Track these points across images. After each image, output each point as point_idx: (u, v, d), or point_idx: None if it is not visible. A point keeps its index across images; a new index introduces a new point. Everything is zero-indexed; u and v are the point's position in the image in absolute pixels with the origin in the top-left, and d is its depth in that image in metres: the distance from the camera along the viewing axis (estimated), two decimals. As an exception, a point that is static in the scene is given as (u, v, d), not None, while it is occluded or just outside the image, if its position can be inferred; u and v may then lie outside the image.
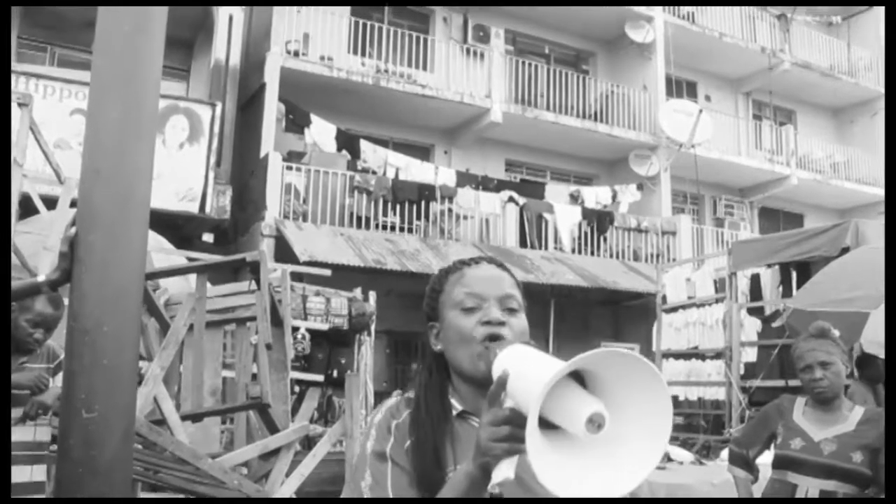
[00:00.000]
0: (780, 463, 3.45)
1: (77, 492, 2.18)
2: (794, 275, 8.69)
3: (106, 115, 2.39)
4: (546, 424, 1.22)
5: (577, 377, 1.23)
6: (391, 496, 1.45)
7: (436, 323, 1.60)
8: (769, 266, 8.99)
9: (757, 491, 3.63)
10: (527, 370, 1.24)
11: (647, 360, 1.19)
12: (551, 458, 1.18)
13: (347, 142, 13.48)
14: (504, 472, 1.23)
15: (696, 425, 9.89)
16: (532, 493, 1.33)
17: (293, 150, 13.23)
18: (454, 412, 1.54)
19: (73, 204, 3.25)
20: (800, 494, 3.32)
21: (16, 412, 3.55)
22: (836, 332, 3.42)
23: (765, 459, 3.72)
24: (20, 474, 3.56)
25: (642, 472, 1.19)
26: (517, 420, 1.20)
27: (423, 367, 1.61)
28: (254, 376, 4.07)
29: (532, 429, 1.15)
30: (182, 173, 11.58)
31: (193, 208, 11.66)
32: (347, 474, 3.74)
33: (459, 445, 1.48)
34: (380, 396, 9.57)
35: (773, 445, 3.56)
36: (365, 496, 1.48)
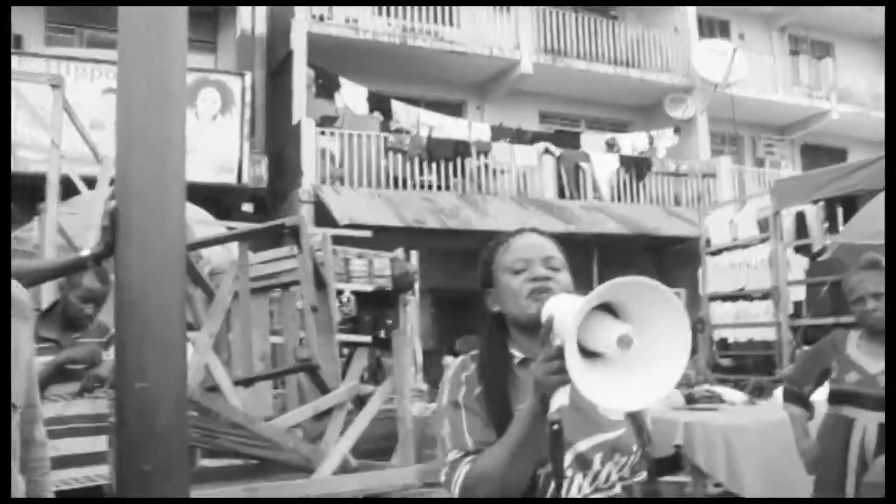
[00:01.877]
0: (835, 398, 3.40)
1: (137, 459, 2.22)
2: (839, 210, 8.51)
3: (135, 90, 2.40)
4: (588, 355, 1.43)
5: (611, 312, 1.44)
6: (468, 438, 1.64)
7: (491, 289, 1.81)
8: (814, 203, 8.80)
9: (812, 428, 3.59)
10: (568, 309, 1.45)
11: (663, 286, 1.40)
12: (593, 376, 1.38)
13: (379, 103, 13.41)
14: (560, 399, 1.43)
15: (747, 366, 9.80)
16: (585, 416, 1.60)
17: (326, 115, 13.21)
18: (515, 360, 1.75)
19: (111, 182, 3.27)
20: (857, 428, 3.28)
21: (73, 386, 3.63)
22: (888, 262, 3.35)
23: (819, 397, 3.67)
24: (83, 446, 3.64)
25: (671, 380, 1.41)
26: (564, 352, 1.37)
27: (485, 328, 1.81)
28: (301, 340, 4.10)
29: (572, 350, 1.35)
30: (217, 145, 11.63)
31: (231, 179, 11.73)
32: (400, 431, 3.77)
33: (522, 388, 1.66)
34: (428, 355, 9.65)
35: (827, 381, 3.51)
36: (446, 442, 1.68)
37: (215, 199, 11.56)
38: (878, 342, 3.35)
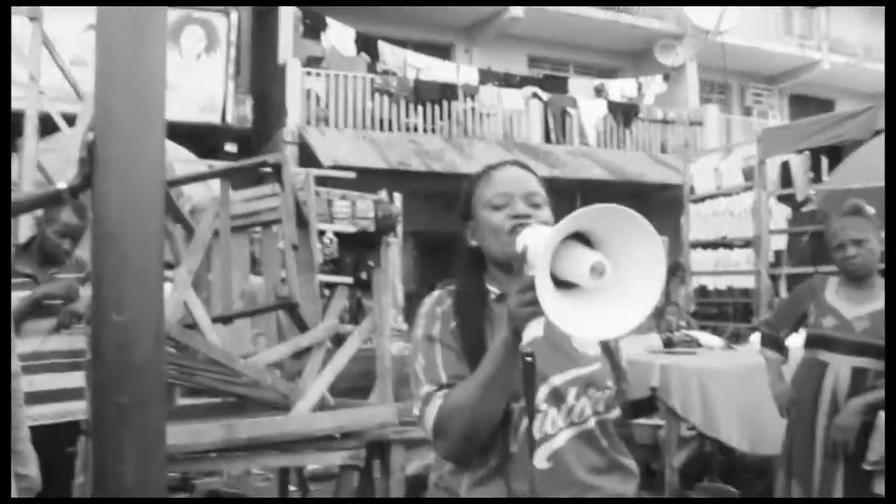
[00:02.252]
0: (812, 342, 3.44)
1: (113, 394, 2.21)
2: (824, 160, 8.52)
3: (115, 19, 2.34)
4: (563, 285, 1.42)
5: (587, 243, 1.43)
6: (442, 371, 1.66)
7: (470, 222, 1.80)
8: (799, 152, 8.80)
9: (787, 372, 3.64)
10: (540, 238, 1.45)
11: (636, 214, 1.37)
12: (565, 306, 1.37)
13: (366, 44, 13.22)
14: (533, 331, 1.43)
15: (726, 314, 9.89)
16: (560, 350, 1.60)
17: (312, 56, 13.03)
18: (492, 296, 1.75)
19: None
20: (830, 372, 3.32)
21: (50, 322, 3.62)
22: (871, 210, 3.36)
23: (794, 343, 3.71)
24: (60, 381, 3.65)
25: (642, 311, 1.40)
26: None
27: (462, 261, 1.81)
28: (283, 280, 4.09)
29: (543, 280, 1.34)
30: (201, 84, 11.47)
31: (215, 119, 11.61)
32: (378, 369, 3.79)
33: (498, 323, 1.66)
34: (409, 297, 9.67)
35: (804, 326, 3.55)
36: (419, 376, 1.68)
37: (199, 138, 11.44)
38: (856, 288, 3.38)
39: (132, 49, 2.29)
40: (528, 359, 1.47)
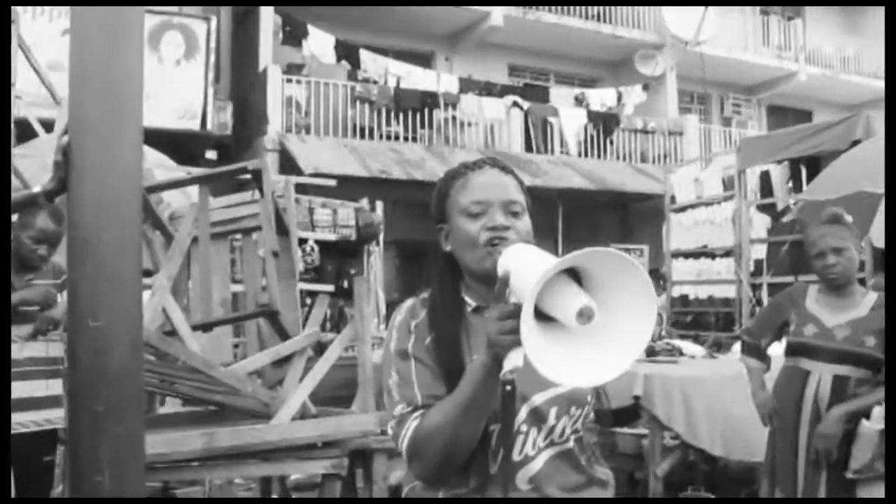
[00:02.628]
0: (793, 350, 3.44)
1: (89, 401, 2.17)
2: (803, 171, 8.58)
3: (89, 19, 2.30)
4: (548, 319, 1.36)
5: (575, 276, 1.35)
6: (417, 391, 1.57)
7: (444, 225, 1.69)
8: (778, 162, 8.87)
9: (769, 380, 3.64)
10: (526, 268, 1.36)
11: (631, 258, 1.30)
12: (547, 346, 1.31)
13: (347, 52, 13.22)
14: (514, 360, 1.36)
15: (707, 323, 9.93)
16: (541, 377, 1.39)
17: (292, 63, 13.01)
18: (469, 308, 1.67)
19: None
20: (812, 380, 3.33)
21: (26, 329, 3.57)
22: (849, 218, 3.37)
23: (775, 351, 3.72)
24: (37, 389, 3.60)
25: (629, 358, 1.33)
26: (520, 314, 1.28)
27: (436, 269, 1.71)
28: (263, 288, 4.05)
29: (527, 318, 1.27)
30: (180, 91, 11.42)
31: (194, 126, 11.55)
32: (360, 377, 3.76)
33: (476, 337, 1.60)
34: (391, 306, 9.63)
35: (785, 334, 3.55)
36: (393, 393, 1.60)
37: (178, 145, 11.36)
38: (836, 296, 3.39)
39: (107, 49, 2.26)
40: (508, 388, 1.40)
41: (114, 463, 2.14)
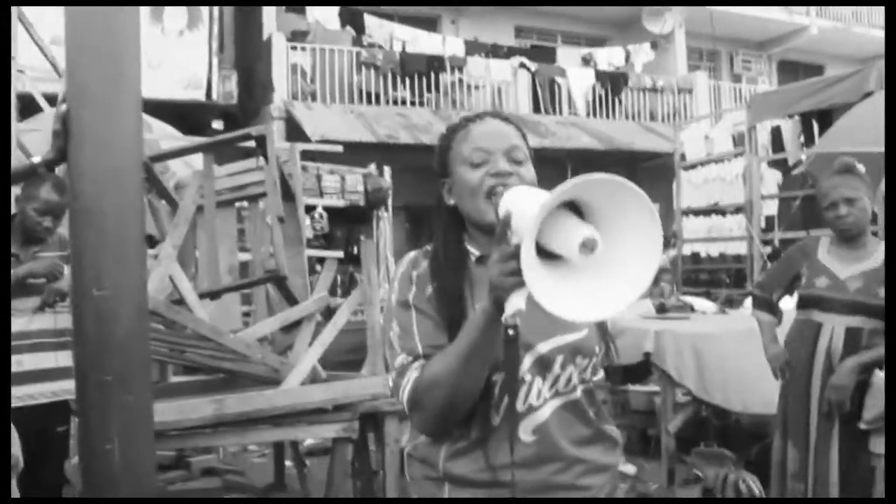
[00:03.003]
0: (805, 302, 3.41)
1: (96, 368, 2.17)
2: (815, 125, 8.49)
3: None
4: (549, 256, 1.32)
5: (577, 210, 1.31)
6: (418, 341, 1.54)
7: (447, 179, 1.66)
8: (790, 117, 8.77)
9: (781, 334, 3.61)
10: (527, 206, 1.31)
11: (633, 185, 1.25)
12: (551, 282, 1.27)
13: (351, 18, 13.11)
14: (515, 303, 1.32)
15: (719, 280, 9.89)
16: (546, 315, 1.33)
17: (297, 30, 12.92)
18: (472, 258, 1.63)
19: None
20: (825, 332, 3.30)
21: (34, 301, 3.57)
22: (862, 168, 3.31)
23: (787, 306, 3.68)
24: (48, 360, 3.61)
25: (636, 290, 1.29)
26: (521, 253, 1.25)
27: (439, 221, 1.67)
28: (271, 255, 4.04)
29: (528, 255, 1.23)
30: (184, 61, 11.36)
31: (200, 96, 11.50)
32: (369, 340, 3.76)
33: (479, 288, 1.56)
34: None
35: (797, 287, 3.51)
36: (394, 345, 1.57)
37: (184, 116, 11.33)
38: (848, 248, 3.34)
39: (103, 17, 2.23)
40: (511, 332, 1.35)
41: (123, 431, 2.14)
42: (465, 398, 1.48)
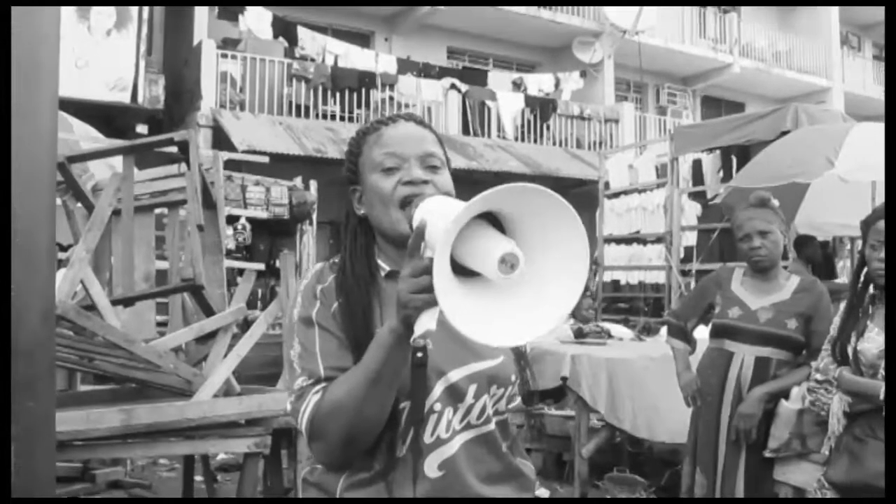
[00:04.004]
0: (717, 331, 3.49)
1: (-3, 373, 2.08)
2: (734, 160, 8.74)
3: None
4: (466, 273, 1.21)
5: (498, 225, 1.20)
6: (320, 361, 1.41)
7: (357, 186, 1.54)
8: (710, 151, 9.02)
9: (694, 362, 3.68)
10: (442, 218, 1.20)
11: (559, 197, 1.15)
12: (468, 302, 1.16)
13: (284, 29, 13.03)
14: (425, 323, 1.21)
15: (637, 308, 10.07)
16: (459, 340, 1.26)
17: (228, 38, 12.76)
18: (382, 273, 1.51)
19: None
20: (736, 361, 3.38)
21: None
22: (776, 202, 3.42)
23: (700, 334, 3.77)
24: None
25: (560, 313, 1.18)
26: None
27: (348, 232, 1.55)
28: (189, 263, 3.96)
29: (441, 269, 1.13)
30: (111, 62, 11.11)
31: (125, 98, 11.26)
32: (285, 355, 3.70)
33: (388, 306, 1.42)
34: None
35: (710, 316, 3.59)
36: (294, 365, 1.44)
37: (108, 118, 11.08)
38: (760, 279, 3.44)
39: (21, 10, 2.16)
40: (420, 355, 1.25)
41: (22, 439, 2.07)
42: (368, 426, 1.37)
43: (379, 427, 1.38)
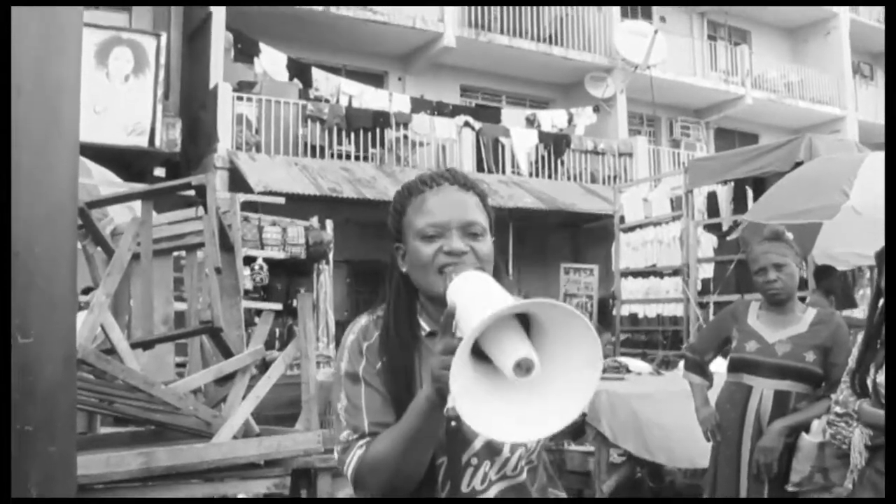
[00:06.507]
0: (735, 366, 3.48)
1: (18, 418, 2.10)
2: (749, 191, 8.74)
3: (22, 20, 2.25)
4: (487, 359, 1.28)
5: (525, 321, 1.27)
6: (365, 417, 1.52)
7: (400, 245, 1.60)
8: (725, 183, 9.02)
9: (712, 396, 3.66)
10: (471, 306, 1.28)
11: (580, 314, 1.22)
12: (482, 394, 1.24)
13: (299, 70, 13.19)
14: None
15: (655, 341, 10.02)
16: None
17: (243, 80, 12.92)
18: (423, 332, 1.59)
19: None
20: (755, 395, 3.36)
21: (-42, 347, 3.46)
22: (790, 235, 3.42)
23: (718, 368, 3.75)
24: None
25: (566, 418, 1.25)
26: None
27: (391, 288, 1.62)
28: (208, 306, 3.99)
29: (459, 364, 1.20)
30: (129, 107, 11.26)
31: (143, 142, 11.38)
32: (304, 395, 3.71)
33: (428, 364, 1.46)
34: (340, 325, 9.57)
35: (728, 350, 3.59)
36: (340, 417, 1.55)
37: (126, 162, 11.22)
38: (777, 312, 3.43)
39: (46, 58, 2.21)
40: (453, 424, 1.32)
41: (43, 483, 2.08)
42: (407, 480, 1.47)
43: (416, 480, 1.48)
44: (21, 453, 2.13)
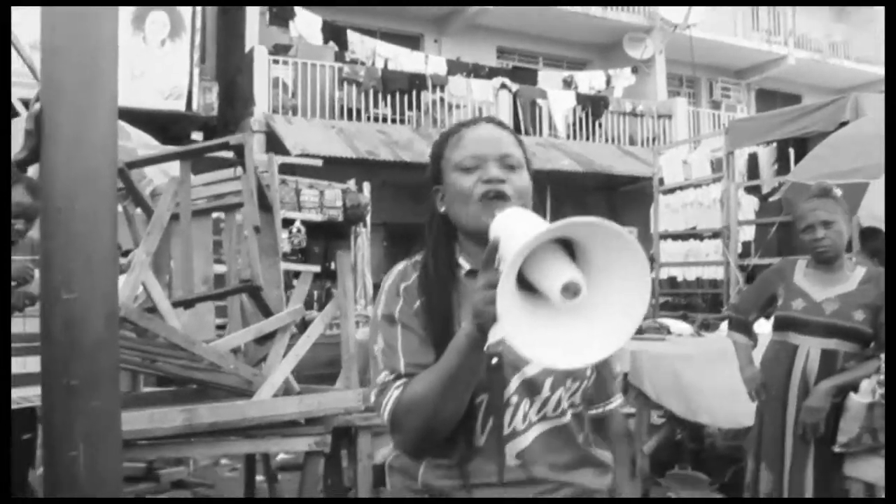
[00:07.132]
0: (781, 324, 3.41)
1: (62, 375, 2.12)
2: (791, 152, 8.56)
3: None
4: (532, 288, 1.26)
5: (569, 246, 1.26)
6: (402, 358, 1.49)
7: (439, 186, 1.62)
8: (766, 144, 8.85)
9: (756, 356, 3.60)
10: (515, 236, 1.26)
11: (627, 233, 1.20)
12: (530, 322, 1.22)
13: (334, 33, 13.12)
14: (500, 331, 1.25)
15: (695, 304, 9.93)
16: None
17: (279, 44, 12.90)
18: (462, 271, 1.58)
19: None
20: (801, 354, 3.30)
21: (3, 305, 3.51)
22: (839, 192, 3.33)
23: (761, 329, 3.69)
24: (15, 366, 3.53)
25: (613, 344, 1.23)
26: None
27: (430, 230, 1.62)
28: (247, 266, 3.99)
29: (505, 292, 1.18)
30: (165, 71, 11.29)
31: (180, 106, 11.43)
32: (343, 354, 3.71)
33: (468, 303, 1.44)
34: (378, 287, 9.63)
35: (772, 309, 3.52)
36: (378, 360, 1.53)
37: (164, 126, 11.27)
38: (824, 271, 3.36)
39: (80, 18, 2.20)
40: (494, 360, 1.33)
41: (89, 437, 2.09)
42: (445, 421, 1.44)
43: (455, 421, 1.45)
44: (66, 408, 2.15)
